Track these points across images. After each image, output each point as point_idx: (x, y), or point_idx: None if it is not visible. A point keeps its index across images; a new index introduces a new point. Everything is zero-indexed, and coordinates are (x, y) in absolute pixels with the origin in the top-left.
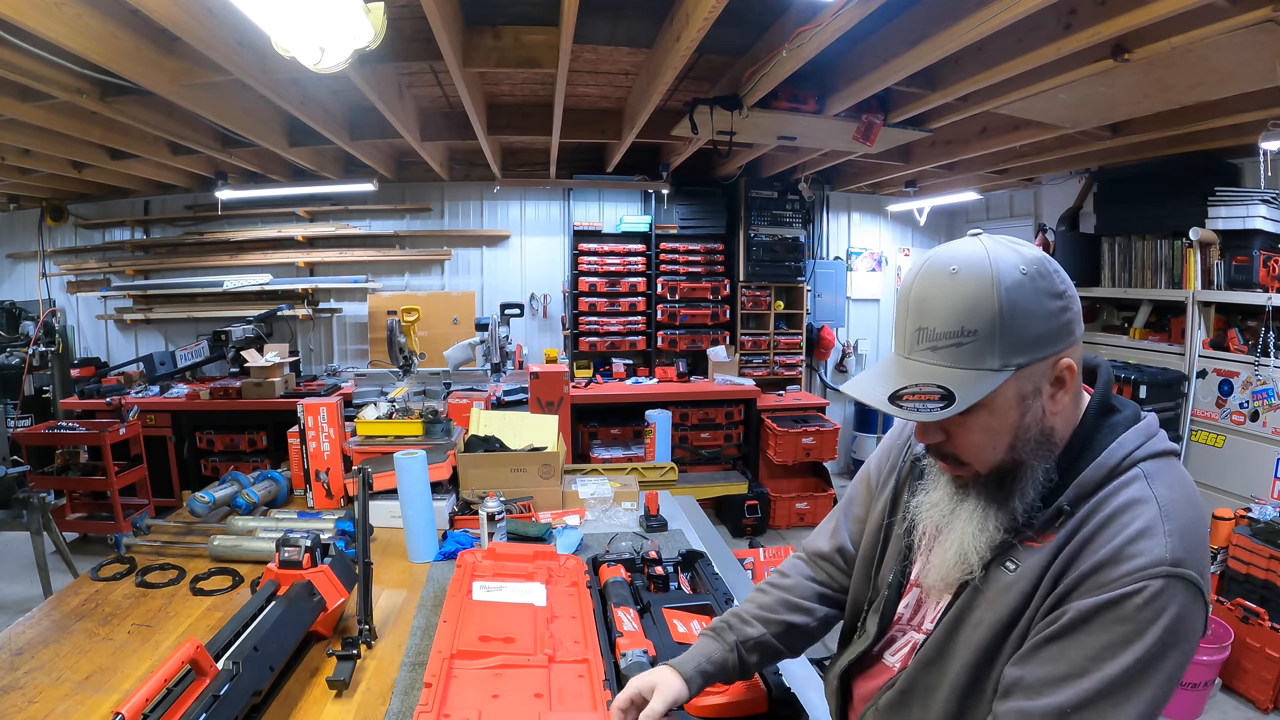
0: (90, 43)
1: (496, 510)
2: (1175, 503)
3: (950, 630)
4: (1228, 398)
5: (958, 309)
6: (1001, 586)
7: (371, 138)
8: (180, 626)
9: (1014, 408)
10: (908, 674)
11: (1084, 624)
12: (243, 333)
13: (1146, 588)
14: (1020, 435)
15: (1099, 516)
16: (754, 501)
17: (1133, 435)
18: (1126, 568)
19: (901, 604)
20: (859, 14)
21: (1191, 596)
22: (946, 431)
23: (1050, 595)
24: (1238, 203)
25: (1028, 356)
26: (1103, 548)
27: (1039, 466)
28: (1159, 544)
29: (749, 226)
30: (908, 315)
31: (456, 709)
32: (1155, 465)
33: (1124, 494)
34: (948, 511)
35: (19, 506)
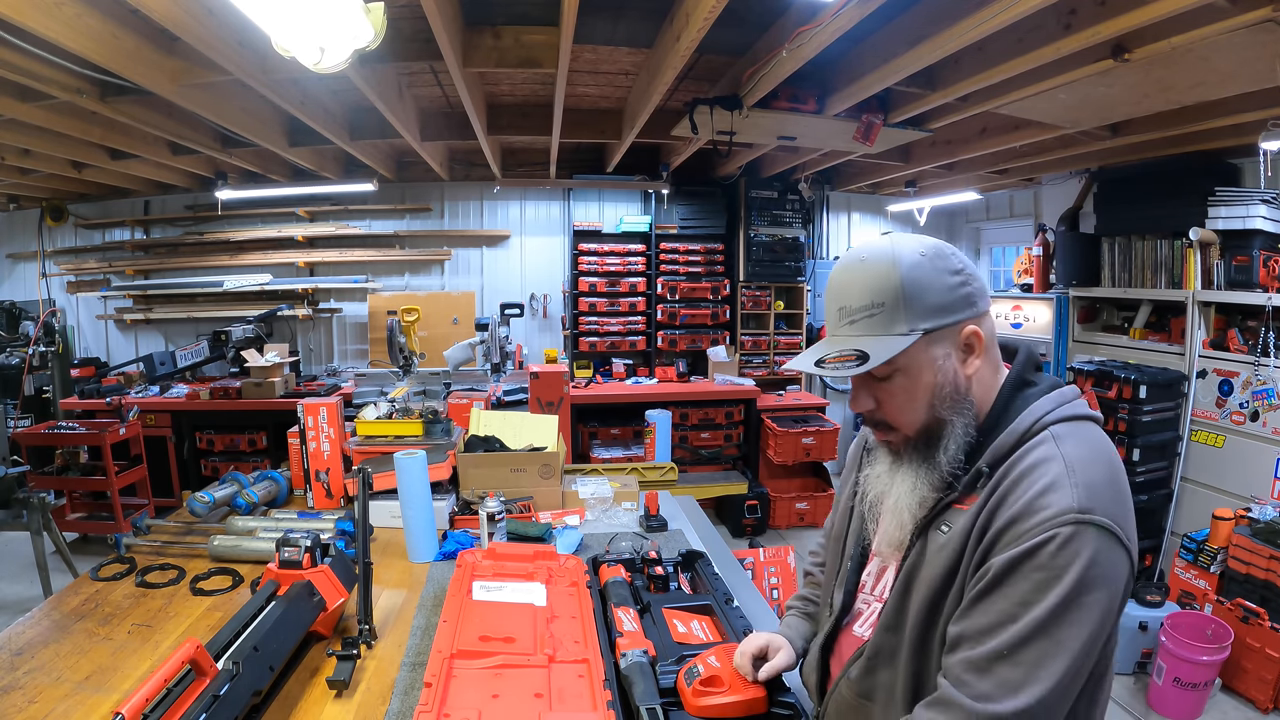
0: (90, 43)
1: (496, 510)
2: (1081, 459)
3: (902, 594)
4: (1228, 398)
5: (868, 286)
6: (937, 547)
7: (371, 138)
8: (180, 626)
9: (927, 369)
10: (872, 641)
11: (1007, 576)
12: (243, 333)
13: (1057, 535)
14: (937, 394)
15: (1011, 476)
16: (754, 501)
17: (1044, 403)
18: (1036, 519)
19: (864, 573)
20: (859, 14)
21: (1105, 540)
22: (876, 399)
23: (976, 552)
24: (1238, 203)
25: (932, 322)
26: (1015, 504)
27: (958, 423)
28: (1066, 495)
29: (749, 226)
30: (831, 301)
31: (456, 709)
32: (1065, 428)
33: (1033, 455)
34: (888, 480)
35: (19, 506)
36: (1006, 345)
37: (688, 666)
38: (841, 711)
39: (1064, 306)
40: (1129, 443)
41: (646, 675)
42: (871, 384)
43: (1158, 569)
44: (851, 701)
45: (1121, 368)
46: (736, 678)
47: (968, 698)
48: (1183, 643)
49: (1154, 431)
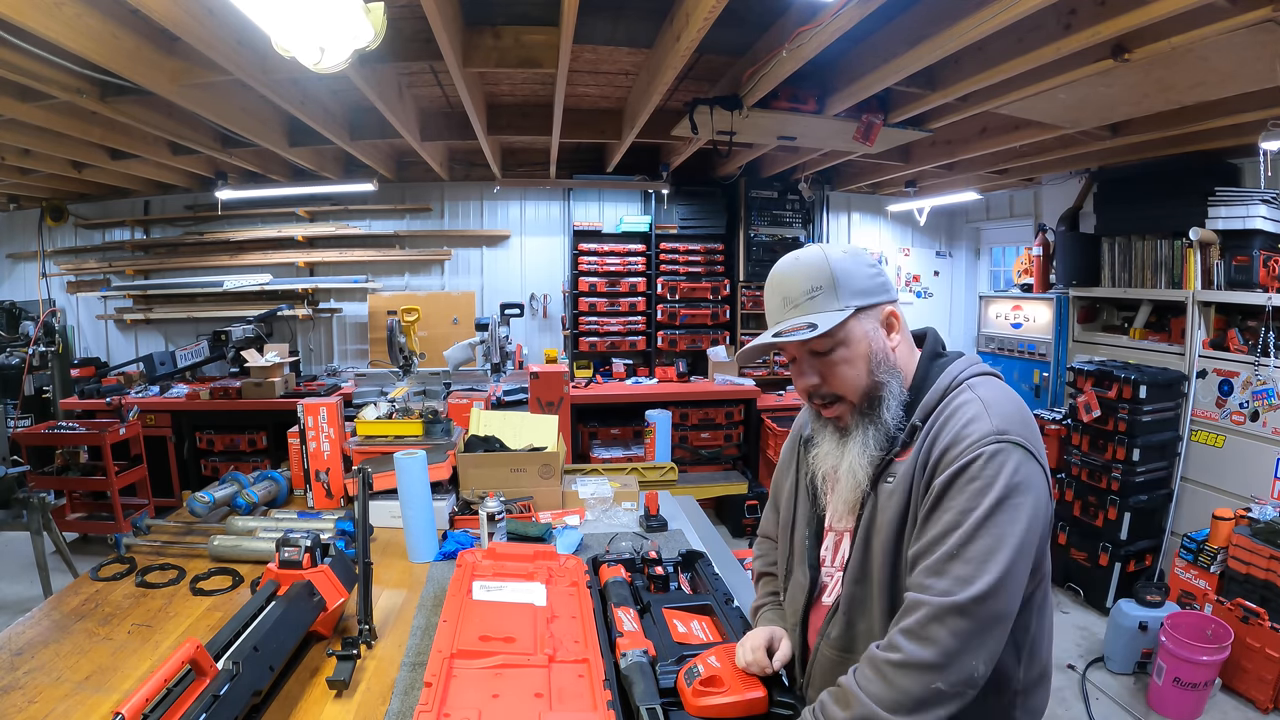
0: (90, 43)
1: (496, 510)
2: (994, 398)
3: (864, 546)
4: (1228, 398)
5: (806, 276)
6: (887, 494)
7: (371, 138)
8: (180, 626)
9: (863, 340)
10: (844, 595)
11: (947, 491)
12: (243, 333)
13: (983, 453)
14: (874, 360)
15: (940, 419)
16: (754, 501)
17: (957, 364)
18: (965, 443)
19: (822, 549)
20: (859, 14)
21: (1022, 455)
22: (821, 374)
23: (920, 485)
24: (1238, 203)
25: (861, 300)
26: (946, 436)
27: (894, 385)
28: (985, 423)
29: (749, 226)
30: (773, 296)
31: (456, 709)
32: (977, 380)
33: (955, 401)
34: (839, 453)
35: (19, 506)
36: (915, 332)
37: (688, 666)
38: (825, 671)
39: (1064, 306)
40: (1129, 443)
41: (646, 675)
42: (816, 361)
43: (1158, 569)
44: (834, 658)
45: (1121, 368)
46: (736, 678)
47: (929, 595)
48: (1183, 643)
49: (1154, 431)
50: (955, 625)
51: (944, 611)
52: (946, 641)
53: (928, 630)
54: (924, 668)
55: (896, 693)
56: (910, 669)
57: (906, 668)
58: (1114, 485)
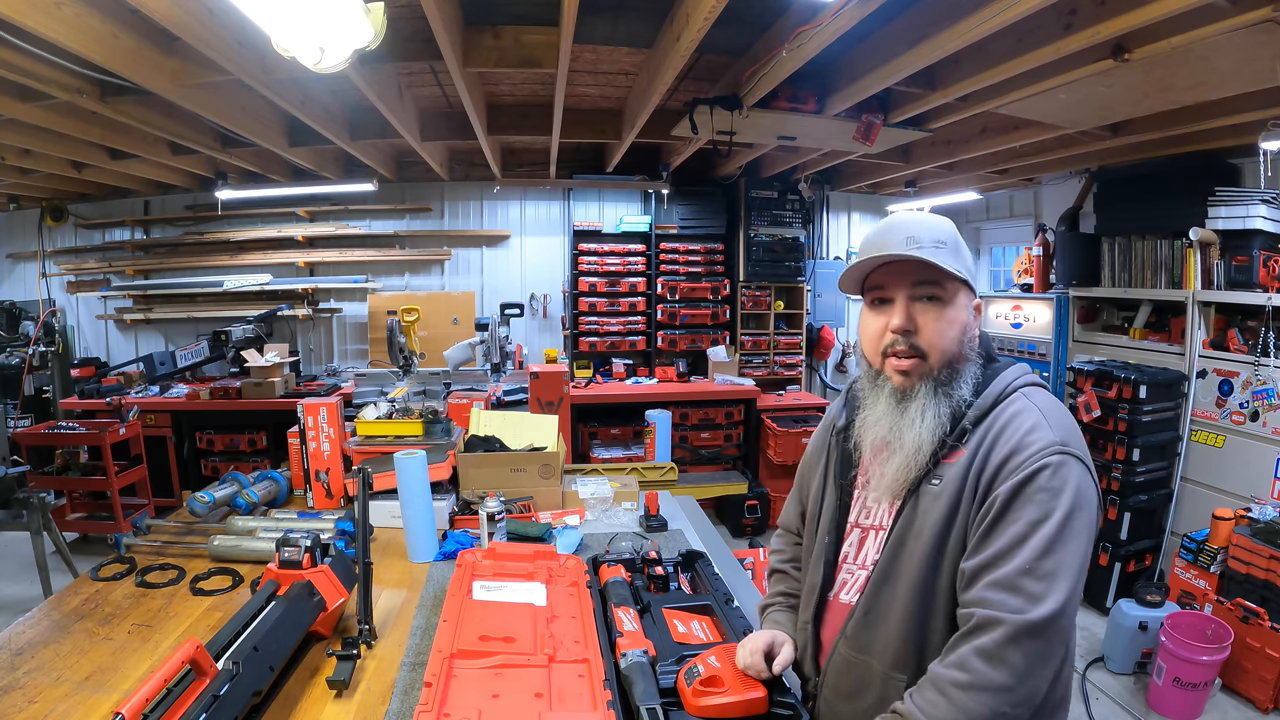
0: (90, 43)
1: (496, 510)
2: (1050, 409)
3: (896, 547)
4: (1228, 398)
5: (933, 228)
6: (931, 498)
7: (371, 138)
8: (180, 626)
9: (963, 310)
10: (866, 597)
11: (1013, 502)
12: (243, 333)
13: (1049, 463)
14: (966, 333)
15: (997, 425)
16: (754, 501)
17: (1011, 372)
18: (1029, 452)
19: (845, 545)
20: (859, 14)
21: (1083, 469)
22: (917, 323)
23: (976, 492)
24: (1238, 203)
25: (969, 277)
26: (1007, 443)
27: (976, 364)
28: (1047, 432)
29: (749, 226)
30: (894, 231)
31: (456, 709)
32: (1030, 389)
33: (1012, 407)
34: (895, 419)
35: (19, 506)
36: None
37: (688, 666)
38: (840, 671)
39: (1064, 306)
40: (1129, 443)
41: (646, 675)
42: (917, 307)
43: (1158, 569)
44: (850, 658)
45: (1121, 368)
46: (736, 678)
47: (1003, 613)
48: (1183, 643)
49: (1154, 431)
50: (1029, 646)
51: (1020, 631)
52: (1019, 663)
53: (1004, 651)
54: (995, 690)
55: (959, 714)
56: (980, 691)
57: (976, 689)
58: (1114, 485)
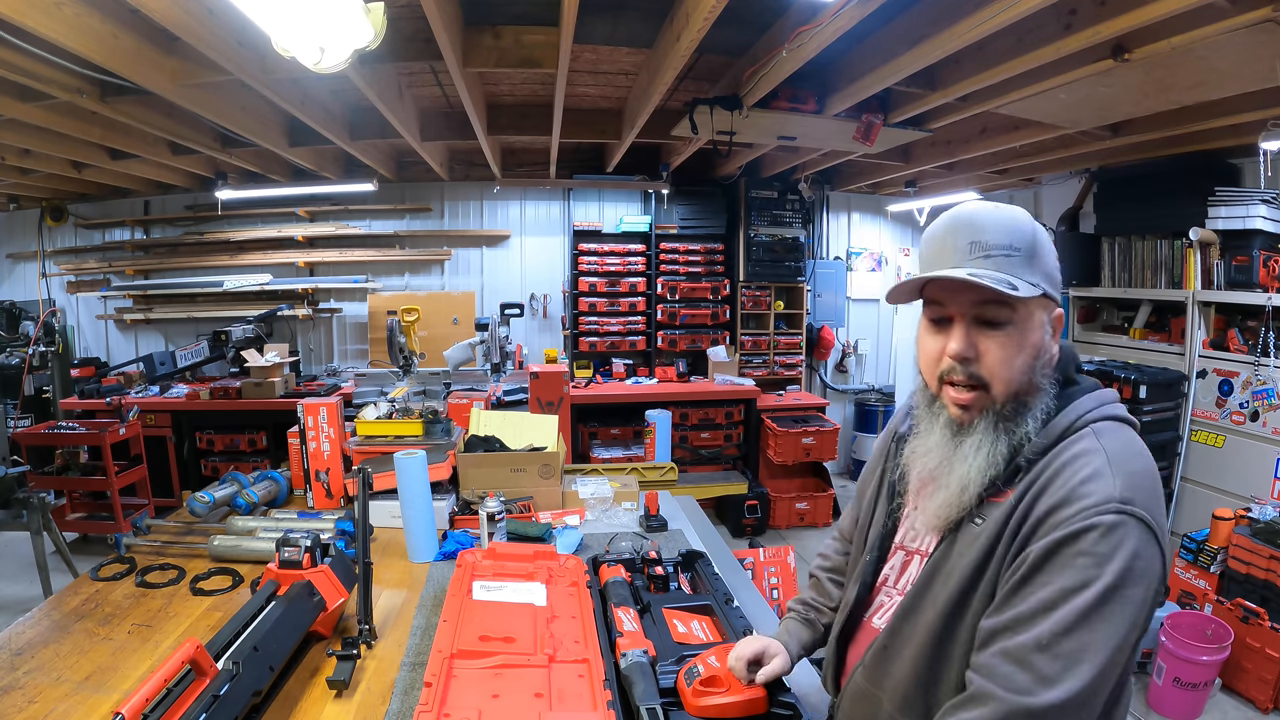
0: (90, 43)
1: (496, 510)
2: (1122, 454)
3: (926, 582)
4: (1228, 398)
5: (1007, 228)
6: (970, 539)
7: (371, 138)
8: (180, 626)
9: (1037, 330)
10: (889, 628)
11: (1047, 562)
12: (243, 333)
13: (1100, 523)
14: (1039, 357)
15: (1052, 468)
16: (754, 501)
17: (1086, 401)
18: (1079, 506)
19: (887, 566)
20: (859, 14)
21: (1145, 535)
22: (979, 349)
23: (1013, 543)
24: (1238, 203)
25: (1048, 286)
26: (1056, 492)
27: (1047, 395)
28: (1107, 484)
29: (749, 226)
30: (957, 234)
31: (456, 709)
32: (1105, 426)
33: (1074, 448)
34: (947, 452)
35: (19, 506)
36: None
37: (688, 666)
38: (855, 699)
39: (1064, 306)
40: None
41: (646, 675)
42: (980, 331)
43: None
44: (864, 689)
45: (1121, 368)
46: (736, 678)
47: (1001, 689)
48: (1183, 643)
49: (1154, 431)
50: None
51: (1015, 714)
52: None
53: None
54: None
55: None
56: None
57: None
58: None
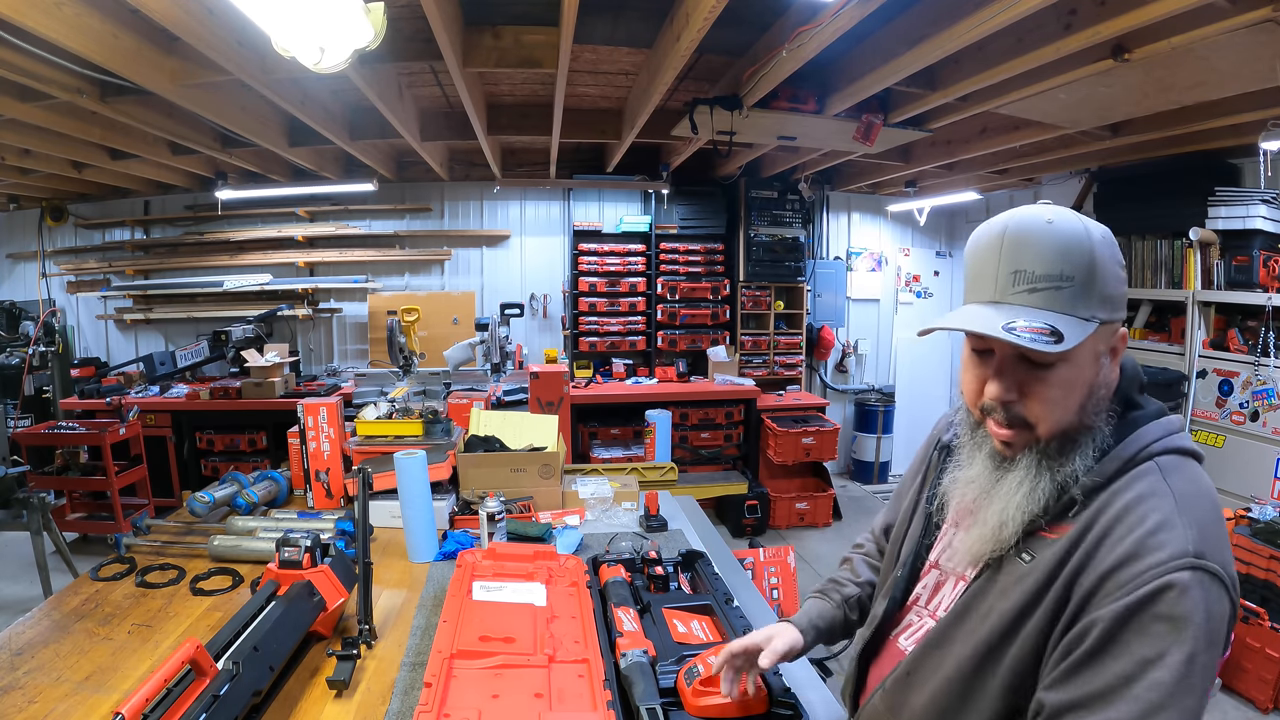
0: (90, 43)
1: (496, 510)
2: (1191, 497)
3: (960, 615)
4: (1228, 398)
5: (1057, 252)
6: (1016, 577)
7: (371, 138)
8: (180, 626)
9: (1090, 364)
10: (913, 655)
11: (1121, 631)
12: (243, 333)
13: (1176, 582)
14: (1091, 394)
15: (1113, 510)
16: (754, 501)
17: (1152, 430)
18: (1149, 561)
19: (919, 585)
20: (859, 14)
21: (1219, 592)
22: (1021, 389)
23: (1069, 599)
24: (1238, 203)
25: (1106, 313)
26: (1121, 542)
27: (1100, 432)
28: (1179, 535)
29: (749, 226)
30: (999, 259)
31: (456, 709)
32: (1172, 460)
33: (1138, 487)
34: (987, 486)
35: (19, 506)
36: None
37: (688, 666)
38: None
39: None
40: None
41: (646, 675)
42: (1022, 371)
43: None
44: (882, 714)
45: None
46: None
47: None
48: None
49: None
50: None
51: None
52: None
53: None
54: None
55: None
56: None
57: None
58: None
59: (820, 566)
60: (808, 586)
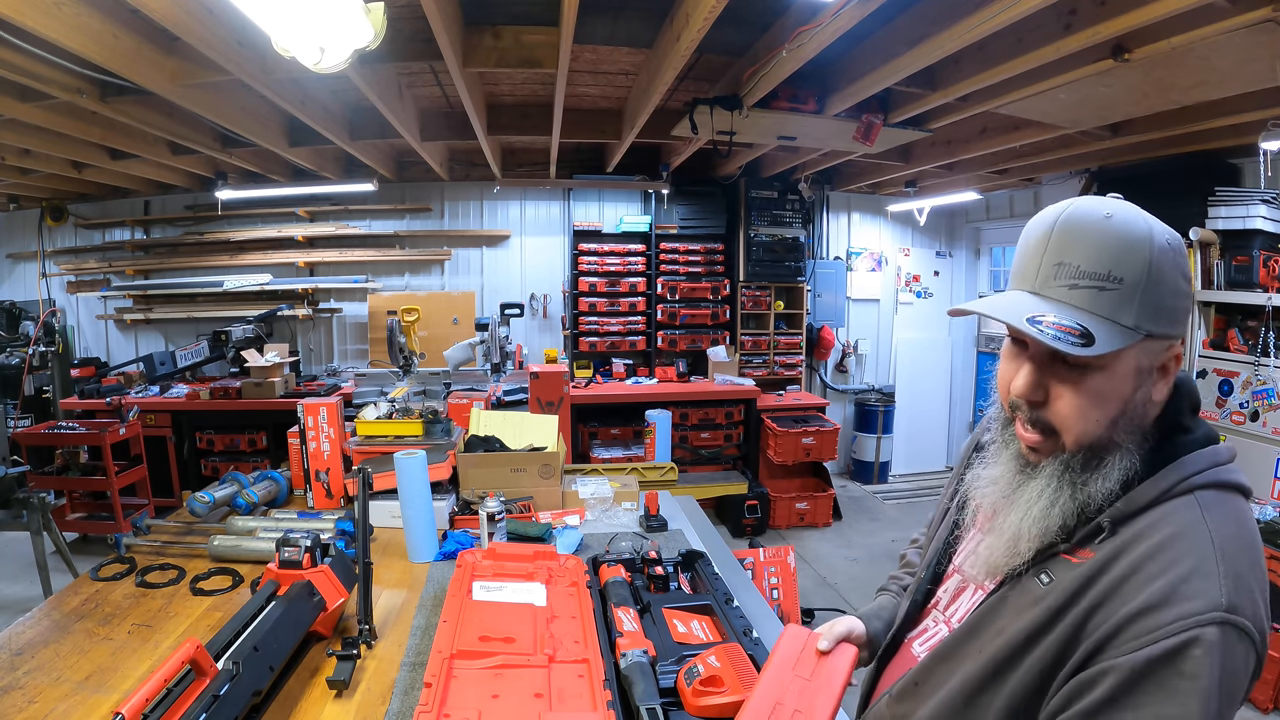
0: (90, 43)
1: (496, 510)
2: (1231, 542)
3: (971, 630)
4: (1228, 398)
5: (1109, 249)
6: (1031, 598)
7: (371, 138)
8: (180, 626)
9: (1130, 379)
10: (924, 665)
11: (1141, 681)
12: (243, 333)
13: (1204, 637)
14: (1126, 412)
15: (1144, 546)
16: (754, 501)
17: (1197, 460)
18: (1176, 611)
19: (941, 589)
20: (859, 14)
21: (1247, 647)
22: (1049, 392)
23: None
24: (1238, 203)
25: (1156, 327)
26: (1148, 586)
27: (1133, 453)
28: (1213, 585)
29: (749, 226)
30: (1045, 248)
31: (456, 709)
32: (1214, 496)
33: (1174, 522)
34: (1008, 490)
35: (19, 506)
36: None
37: (688, 666)
38: None
39: None
40: None
41: (646, 675)
42: (1054, 370)
43: None
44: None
45: None
46: (736, 677)
47: None
48: None
49: None
50: None
51: None
52: None
53: None
54: None
55: None
56: None
57: None
58: None
59: (820, 566)
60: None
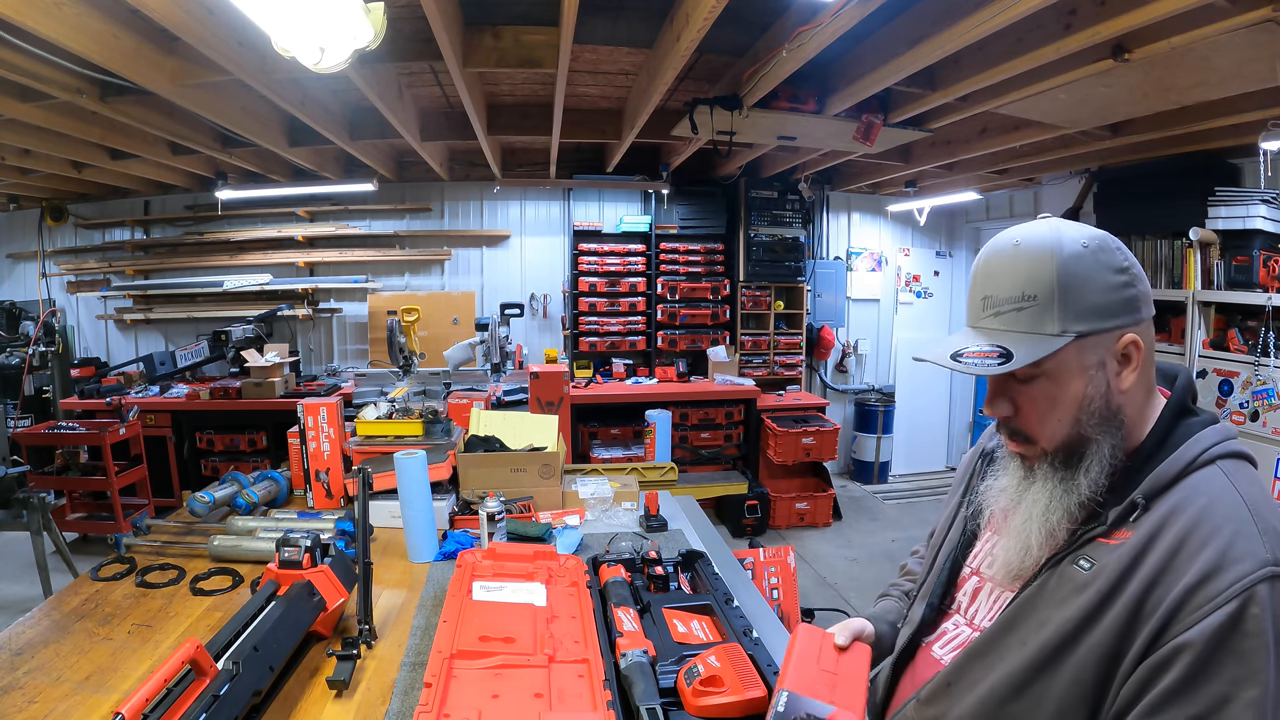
0: (90, 43)
1: (496, 510)
2: (1261, 500)
3: (1008, 625)
4: (1228, 398)
5: (1020, 273)
6: (1074, 586)
7: (371, 138)
8: (180, 626)
9: (1077, 378)
10: (956, 665)
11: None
12: (243, 333)
13: (1256, 594)
14: (1085, 408)
15: (1185, 516)
16: (754, 501)
17: (1210, 433)
18: (1232, 575)
19: (959, 592)
20: (859, 14)
21: None
22: (1014, 404)
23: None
24: (1238, 203)
25: (1088, 325)
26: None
27: (1105, 443)
28: (1257, 545)
29: (749, 226)
30: (975, 287)
31: (456, 709)
32: (1233, 465)
33: (1207, 491)
34: (1016, 497)
35: (19, 506)
36: (1163, 369)
37: (688, 666)
38: None
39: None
40: None
41: (646, 675)
42: (1012, 387)
43: None
44: None
45: None
46: (737, 677)
47: None
48: None
49: None
50: None
51: None
52: None
53: None
54: None
55: None
56: None
57: None
58: None
59: (820, 566)
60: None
